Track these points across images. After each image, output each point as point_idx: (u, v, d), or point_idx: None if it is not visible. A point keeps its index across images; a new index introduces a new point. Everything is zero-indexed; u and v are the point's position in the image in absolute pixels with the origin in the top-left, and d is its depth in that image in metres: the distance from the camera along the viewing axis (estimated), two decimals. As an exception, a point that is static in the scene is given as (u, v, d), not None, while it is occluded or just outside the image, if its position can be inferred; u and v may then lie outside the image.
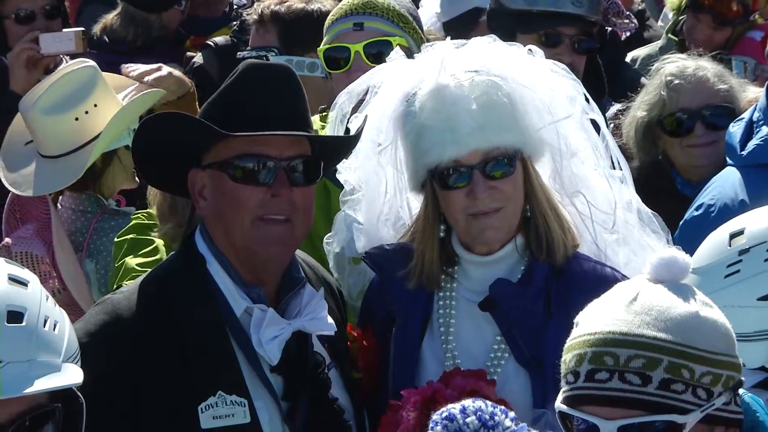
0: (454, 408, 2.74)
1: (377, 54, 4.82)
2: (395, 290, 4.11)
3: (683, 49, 6.66)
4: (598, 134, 4.18)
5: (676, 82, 5.45)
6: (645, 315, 2.79)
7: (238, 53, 5.88)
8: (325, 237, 4.40)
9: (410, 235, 4.17)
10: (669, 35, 7.25)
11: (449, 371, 3.84)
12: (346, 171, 4.26)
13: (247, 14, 6.31)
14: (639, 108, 5.54)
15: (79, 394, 2.65)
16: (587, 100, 4.22)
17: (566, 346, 2.87)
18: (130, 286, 3.86)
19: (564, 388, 2.83)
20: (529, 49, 4.19)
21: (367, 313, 4.25)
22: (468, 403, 2.75)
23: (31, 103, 5.44)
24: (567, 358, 2.84)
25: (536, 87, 4.02)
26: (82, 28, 6.36)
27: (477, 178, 3.91)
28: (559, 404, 2.84)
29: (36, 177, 5.35)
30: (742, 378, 2.88)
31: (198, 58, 7.20)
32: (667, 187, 5.38)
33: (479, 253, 4.02)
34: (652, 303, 2.81)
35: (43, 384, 2.50)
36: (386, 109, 4.12)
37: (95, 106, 5.34)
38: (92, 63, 5.57)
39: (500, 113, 3.91)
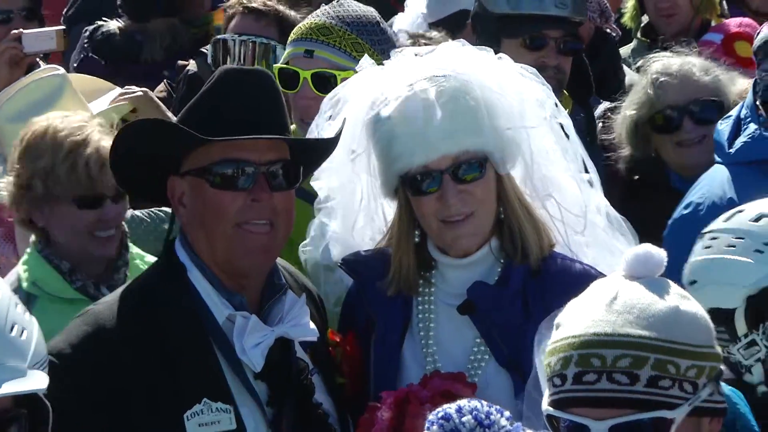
0: (450, 408, 2.76)
1: (323, 83, 4.91)
2: (373, 296, 4.13)
3: (653, 49, 6.67)
4: (568, 138, 4.19)
5: (662, 79, 5.52)
6: (627, 314, 2.82)
7: (218, 36, 5.90)
8: (300, 245, 4.41)
9: (386, 241, 4.19)
10: (639, 37, 7.35)
11: (429, 374, 3.87)
12: (321, 179, 4.29)
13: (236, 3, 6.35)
14: (628, 107, 5.60)
15: (46, 401, 2.65)
16: (556, 104, 4.23)
17: (549, 349, 2.90)
18: (111, 296, 3.86)
19: (550, 390, 2.85)
20: (499, 56, 4.21)
21: (347, 320, 4.26)
22: (464, 402, 2.77)
23: None
24: (551, 361, 2.86)
25: (505, 91, 4.03)
26: (63, 27, 6.34)
27: (447, 183, 3.94)
28: (546, 407, 2.86)
29: None
30: (723, 367, 2.92)
31: (191, 65, 7.20)
32: (661, 182, 5.41)
33: (455, 256, 4.04)
34: (633, 301, 2.85)
35: (8, 387, 2.50)
36: (358, 116, 4.13)
37: None
38: (61, 71, 5.65)
39: (468, 118, 3.94)
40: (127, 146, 3.87)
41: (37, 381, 2.58)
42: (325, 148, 4.03)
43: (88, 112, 5.36)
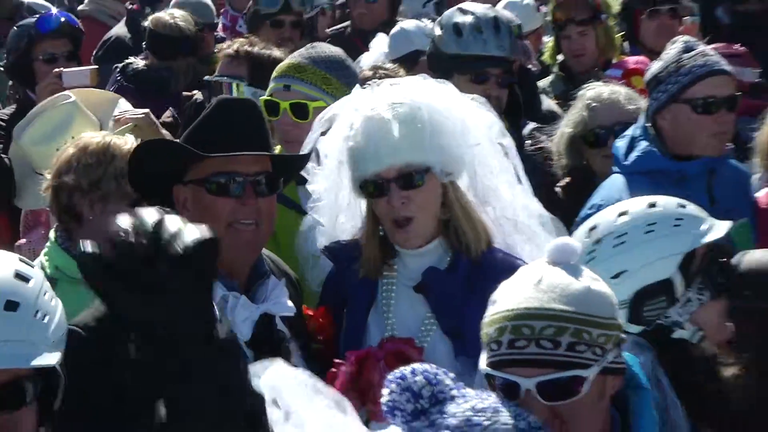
0: (406, 369, 2.71)
1: (299, 111, 4.90)
2: (348, 277, 4.12)
3: (571, 83, 6.76)
4: (507, 156, 4.18)
5: (594, 104, 5.49)
6: (551, 292, 2.84)
7: (205, 77, 5.87)
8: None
9: (360, 233, 4.16)
10: (555, 72, 7.29)
11: (386, 338, 3.88)
12: (314, 183, 4.28)
13: (221, 49, 6.28)
14: (566, 125, 5.55)
15: (60, 372, 2.63)
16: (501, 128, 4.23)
17: (486, 320, 2.88)
18: None
19: (487, 354, 2.85)
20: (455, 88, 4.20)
21: (325, 296, 4.24)
22: (417, 365, 2.72)
23: (20, 135, 5.48)
24: (489, 330, 2.85)
25: (452, 116, 4.00)
26: (96, 66, 6.32)
27: (393, 190, 3.93)
28: (484, 367, 2.85)
29: (27, 192, 5.40)
30: (624, 336, 2.95)
31: (198, 95, 7.15)
32: (591, 187, 5.32)
33: (411, 248, 4.03)
34: (555, 282, 2.87)
35: (37, 361, 2.52)
36: (341, 133, 4.12)
37: (73, 137, 5.17)
38: (72, 98, 5.57)
39: (413, 136, 3.91)
40: (141, 161, 3.87)
41: (54, 357, 2.57)
42: (299, 162, 4.05)
43: (98, 130, 5.31)
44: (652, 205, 3.56)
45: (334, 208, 4.24)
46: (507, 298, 2.88)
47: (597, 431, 2.91)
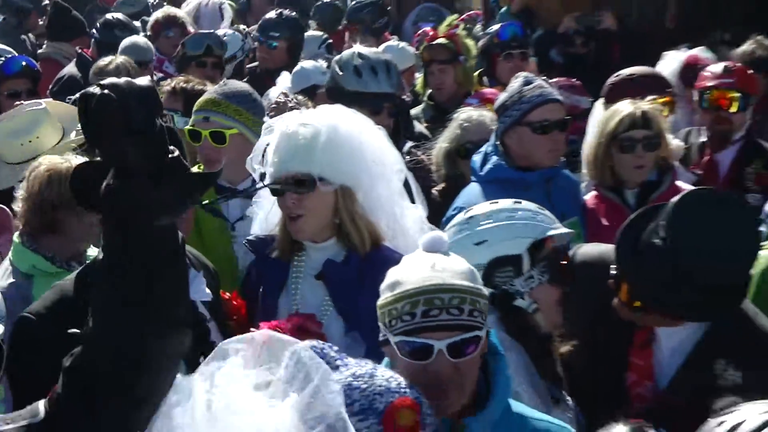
0: (299, 345, 2.65)
1: (217, 138, 4.76)
2: (264, 265, 4.07)
3: (437, 110, 6.78)
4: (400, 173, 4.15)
5: (465, 124, 5.49)
6: (447, 272, 2.88)
7: None
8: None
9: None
10: (425, 101, 7.25)
11: (291, 314, 3.81)
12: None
13: (164, 85, 6.10)
14: (443, 141, 5.53)
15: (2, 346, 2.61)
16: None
17: (390, 300, 2.88)
18: (73, 274, 3.65)
19: (398, 326, 2.84)
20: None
21: (247, 281, 4.23)
22: (307, 342, 2.65)
23: None
24: (398, 306, 2.85)
25: (352, 138, 3.93)
26: (51, 99, 6.13)
27: (288, 192, 3.89)
28: (398, 337, 2.84)
29: None
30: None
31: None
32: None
33: (302, 239, 3.97)
34: (446, 265, 2.92)
35: None
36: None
37: (37, 137, 5.25)
38: (42, 105, 5.48)
39: (306, 151, 3.85)
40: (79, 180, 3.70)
41: None
42: (213, 178, 3.83)
43: (63, 137, 5.33)
44: (518, 203, 3.66)
45: (268, 205, 4.16)
46: (410, 281, 2.86)
47: (475, 384, 2.90)
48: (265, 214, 4.17)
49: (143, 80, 2.10)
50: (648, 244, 3.44)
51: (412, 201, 4.17)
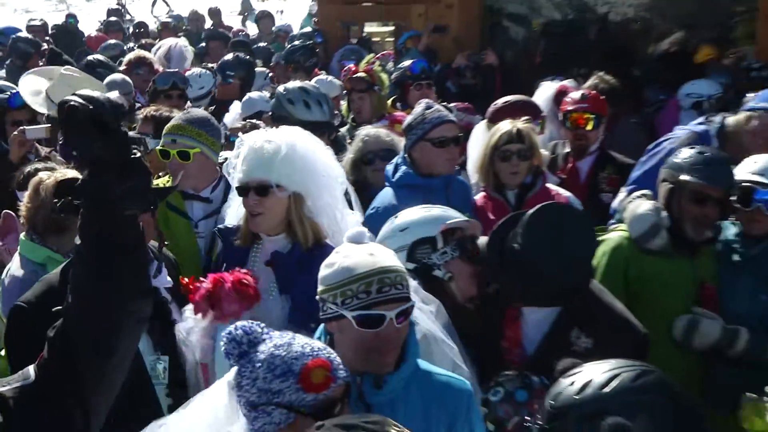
0: (231, 327, 2.61)
1: (183, 156, 4.68)
2: (229, 250, 3.98)
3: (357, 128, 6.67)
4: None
5: (366, 138, 5.42)
6: (385, 257, 2.85)
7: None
8: None
9: None
10: (349, 122, 7.14)
11: (233, 269, 3.75)
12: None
13: (138, 113, 6.00)
14: (350, 152, 5.46)
15: None
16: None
17: (342, 283, 2.79)
18: (58, 268, 3.50)
19: (355, 303, 2.77)
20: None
21: (216, 263, 4.10)
22: (240, 323, 2.59)
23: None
24: (352, 287, 2.77)
25: (307, 154, 3.86)
26: (50, 125, 5.89)
27: (250, 194, 3.83)
28: (355, 312, 2.77)
29: None
30: None
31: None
32: (366, 194, 5.19)
33: (261, 232, 3.90)
34: (382, 252, 2.87)
35: None
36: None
37: None
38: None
39: (268, 162, 3.79)
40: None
41: None
42: (168, 191, 3.81)
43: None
44: (429, 205, 3.78)
45: (235, 205, 4.11)
46: (359, 266, 2.79)
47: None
48: (233, 215, 4.10)
49: (112, 93, 2.11)
50: (508, 248, 3.43)
51: (351, 207, 4.10)
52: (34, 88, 6.36)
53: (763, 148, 5.24)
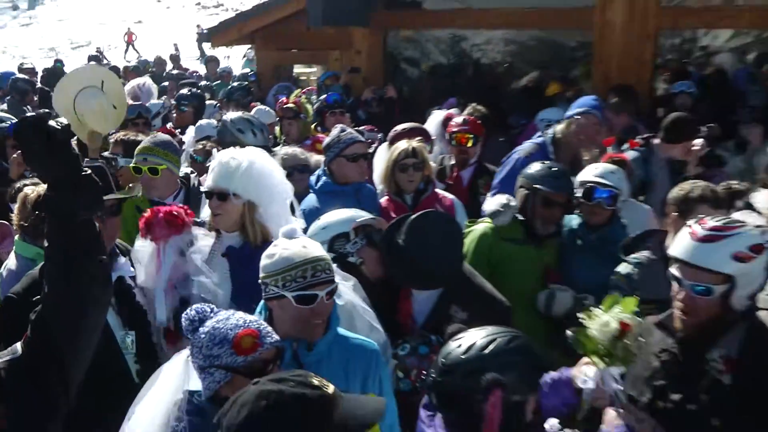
0: (187, 310, 2.56)
1: (153, 171, 4.63)
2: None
3: None
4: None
5: (285, 156, 5.25)
6: (316, 248, 2.80)
7: (102, 154, 5.37)
8: None
9: None
10: (282, 143, 7.02)
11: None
12: None
13: (111, 137, 5.73)
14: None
15: None
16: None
17: (283, 270, 2.74)
18: (40, 265, 3.34)
19: (294, 285, 2.72)
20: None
21: None
22: (194, 306, 2.56)
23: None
24: (291, 273, 2.73)
25: (264, 169, 3.74)
26: None
27: (213, 198, 3.73)
28: (294, 292, 2.72)
29: None
30: None
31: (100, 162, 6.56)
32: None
33: (221, 229, 3.78)
34: (311, 244, 2.82)
35: None
36: None
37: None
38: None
39: (230, 174, 3.68)
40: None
41: None
42: (130, 197, 3.64)
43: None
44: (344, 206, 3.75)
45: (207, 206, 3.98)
46: (296, 256, 2.75)
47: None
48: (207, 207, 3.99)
49: (62, 119, 2.04)
50: (395, 244, 3.46)
51: (294, 214, 4.03)
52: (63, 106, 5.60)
53: (586, 144, 5.47)
